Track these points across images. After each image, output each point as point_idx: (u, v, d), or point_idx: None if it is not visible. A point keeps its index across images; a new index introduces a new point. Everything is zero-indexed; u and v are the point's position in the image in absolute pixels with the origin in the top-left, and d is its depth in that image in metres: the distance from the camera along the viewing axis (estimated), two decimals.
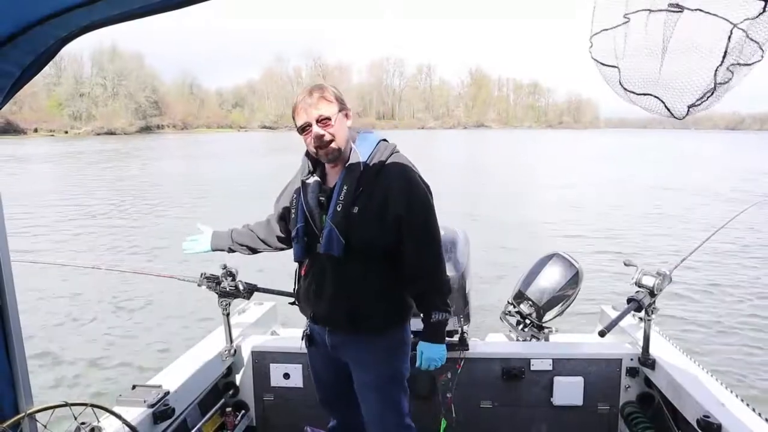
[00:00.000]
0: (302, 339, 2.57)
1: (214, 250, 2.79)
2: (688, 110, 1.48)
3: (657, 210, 16.97)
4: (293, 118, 2.23)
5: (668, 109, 1.50)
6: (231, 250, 2.77)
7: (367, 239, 2.19)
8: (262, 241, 2.68)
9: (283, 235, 2.60)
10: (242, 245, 2.73)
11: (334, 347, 2.42)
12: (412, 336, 2.47)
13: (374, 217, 2.17)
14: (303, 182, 2.35)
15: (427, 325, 2.32)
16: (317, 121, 2.15)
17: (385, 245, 2.21)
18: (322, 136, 2.15)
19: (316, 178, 2.33)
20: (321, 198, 2.28)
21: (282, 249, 2.68)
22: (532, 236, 12.58)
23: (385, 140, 2.33)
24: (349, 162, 2.23)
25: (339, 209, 2.19)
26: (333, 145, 2.18)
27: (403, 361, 2.42)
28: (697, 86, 1.44)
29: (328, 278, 2.28)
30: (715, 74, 1.41)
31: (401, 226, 2.18)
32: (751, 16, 1.33)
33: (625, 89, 1.56)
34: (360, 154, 2.23)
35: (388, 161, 2.24)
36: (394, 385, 2.42)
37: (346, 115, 2.24)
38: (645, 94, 1.53)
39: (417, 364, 2.38)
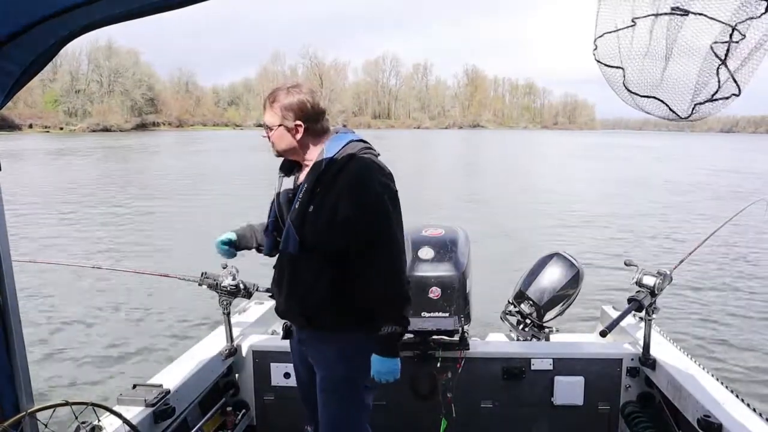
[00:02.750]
0: (282, 330, 2.58)
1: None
2: (694, 108, 1.47)
3: (657, 209, 17.04)
4: None
5: (672, 110, 1.49)
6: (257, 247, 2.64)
7: (319, 239, 2.18)
8: None
9: None
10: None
11: (301, 342, 2.44)
12: None
13: (326, 218, 2.16)
14: (279, 179, 2.41)
15: (377, 338, 2.19)
16: (264, 125, 2.28)
17: (336, 246, 2.18)
18: (266, 137, 2.28)
19: (290, 176, 2.39)
20: (290, 195, 2.32)
21: None
22: (532, 236, 12.62)
23: (360, 141, 2.30)
24: (315, 162, 2.24)
25: (297, 207, 2.21)
26: (277, 147, 2.29)
27: (358, 369, 2.29)
28: (700, 87, 1.43)
29: (286, 274, 2.29)
30: (718, 74, 1.40)
31: (350, 229, 2.14)
32: (755, 16, 1.32)
33: (629, 91, 1.55)
34: (326, 153, 2.22)
35: (350, 162, 2.19)
36: (346, 391, 2.35)
37: (294, 130, 2.24)
38: (648, 96, 1.52)
39: (370, 374, 2.26)
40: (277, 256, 2.39)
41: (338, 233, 2.15)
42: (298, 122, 2.22)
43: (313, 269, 2.22)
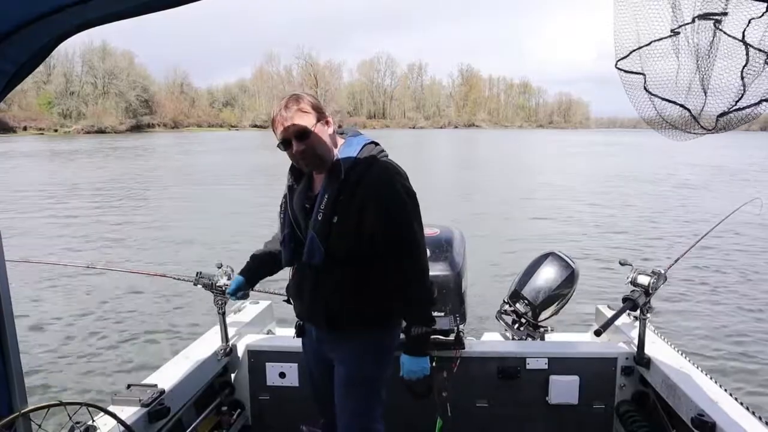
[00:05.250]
0: (294, 329, 2.58)
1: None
2: (717, 120, 1.44)
3: (652, 208, 17.05)
4: (273, 131, 2.20)
5: (695, 118, 1.47)
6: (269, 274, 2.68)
7: (347, 249, 2.17)
8: None
9: None
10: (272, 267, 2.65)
11: (319, 341, 2.44)
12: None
13: (353, 227, 2.15)
14: (290, 189, 2.36)
15: (408, 339, 2.28)
16: (296, 137, 2.13)
17: (364, 254, 2.19)
18: (303, 150, 2.14)
19: (301, 185, 2.33)
20: (306, 205, 2.27)
21: None
22: (527, 235, 12.63)
23: (372, 143, 2.28)
24: (331, 170, 2.20)
25: (320, 218, 2.17)
26: (315, 156, 2.17)
27: (378, 366, 2.39)
28: (725, 96, 1.41)
29: (309, 282, 2.29)
30: (742, 75, 1.37)
31: (379, 236, 2.15)
32: (755, 16, 1.31)
33: (649, 93, 1.52)
34: (343, 159, 2.18)
35: (371, 168, 2.18)
36: (363, 387, 2.39)
37: (326, 123, 2.20)
38: (670, 101, 1.50)
39: (400, 374, 2.34)
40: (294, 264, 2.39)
41: (366, 241, 2.16)
42: (327, 116, 2.21)
43: (338, 276, 2.23)
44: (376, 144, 2.30)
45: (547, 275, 3.57)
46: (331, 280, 2.23)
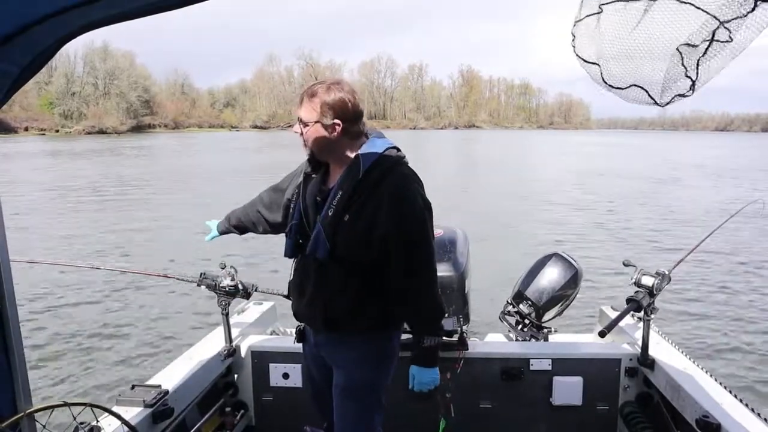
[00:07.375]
0: (295, 333, 2.57)
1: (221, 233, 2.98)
2: (672, 99, 1.47)
3: (657, 209, 17.07)
4: None
5: (652, 98, 1.49)
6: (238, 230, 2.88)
7: (353, 249, 2.14)
8: (266, 220, 2.71)
9: (279, 221, 2.62)
10: (246, 224, 2.81)
11: (317, 345, 2.41)
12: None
13: (363, 229, 2.11)
14: (306, 176, 2.33)
15: (419, 350, 2.25)
16: (299, 120, 2.17)
17: (371, 257, 2.15)
18: (300, 134, 2.17)
19: (317, 177, 2.31)
20: (318, 198, 2.25)
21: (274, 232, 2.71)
22: (531, 236, 12.64)
23: (394, 148, 2.24)
24: (349, 166, 2.16)
25: (330, 213, 2.14)
26: (308, 144, 2.19)
27: (378, 373, 2.34)
28: (676, 75, 1.42)
29: (311, 278, 2.25)
30: (698, 64, 1.38)
31: (389, 243, 2.11)
32: (741, 15, 1.31)
33: (608, 85, 1.54)
34: (363, 160, 2.14)
35: (391, 173, 2.14)
36: (365, 394, 2.36)
37: (330, 129, 2.13)
38: (628, 87, 1.52)
39: (410, 387, 2.30)
40: (296, 258, 2.37)
41: (374, 245, 2.12)
42: (337, 121, 2.11)
43: (341, 276, 2.19)
44: (398, 149, 2.25)
45: (551, 276, 3.55)
46: (334, 278, 2.19)
